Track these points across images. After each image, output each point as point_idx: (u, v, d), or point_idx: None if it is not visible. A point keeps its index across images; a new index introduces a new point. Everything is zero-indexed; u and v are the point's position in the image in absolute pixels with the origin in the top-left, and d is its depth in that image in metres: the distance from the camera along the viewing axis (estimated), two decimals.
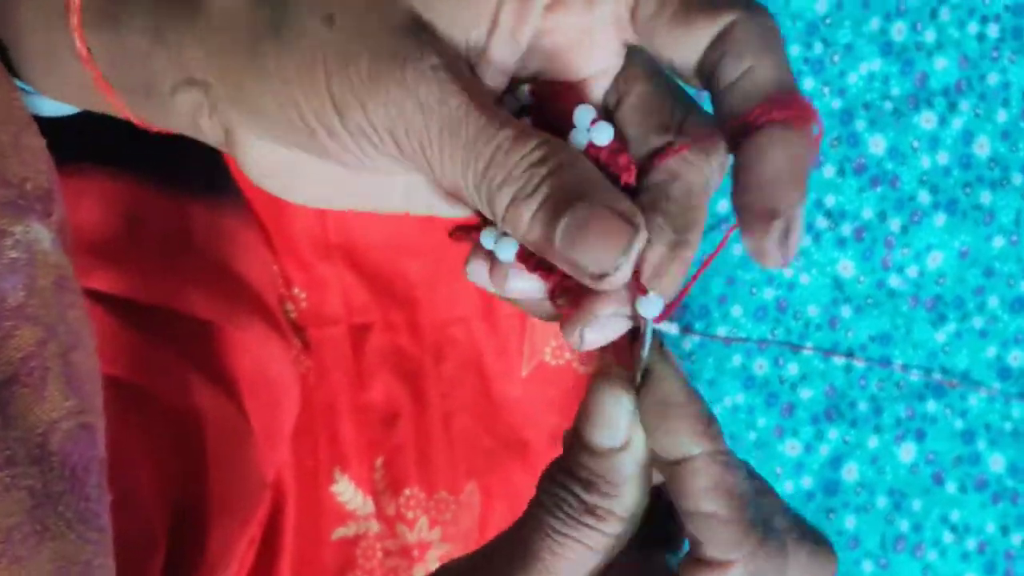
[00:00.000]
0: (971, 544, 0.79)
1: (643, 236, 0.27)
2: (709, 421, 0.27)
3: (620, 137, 0.30)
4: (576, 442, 0.29)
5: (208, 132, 0.30)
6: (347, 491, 0.60)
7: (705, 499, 0.27)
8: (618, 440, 0.28)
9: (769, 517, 0.28)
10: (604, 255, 0.26)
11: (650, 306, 0.28)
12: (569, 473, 0.29)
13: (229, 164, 0.56)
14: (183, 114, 0.30)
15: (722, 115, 0.28)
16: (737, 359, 0.76)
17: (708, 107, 0.30)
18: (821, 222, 0.76)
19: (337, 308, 0.62)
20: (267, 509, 0.56)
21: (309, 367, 0.61)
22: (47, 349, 0.31)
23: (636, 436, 0.28)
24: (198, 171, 0.54)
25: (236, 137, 0.30)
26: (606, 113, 0.31)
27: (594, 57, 0.30)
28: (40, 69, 0.35)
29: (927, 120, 0.77)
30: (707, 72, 0.28)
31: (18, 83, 0.36)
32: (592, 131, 0.29)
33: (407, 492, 0.62)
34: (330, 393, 0.61)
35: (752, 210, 0.26)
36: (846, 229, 0.77)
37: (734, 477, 0.27)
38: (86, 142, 0.46)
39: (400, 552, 0.61)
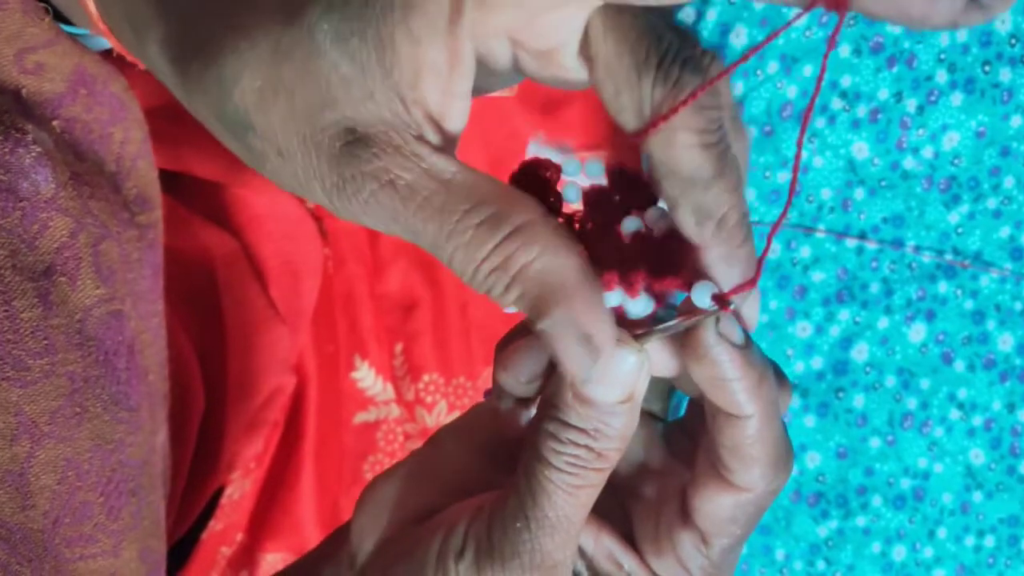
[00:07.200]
0: (977, 421, 0.80)
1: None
2: (760, 382, 0.31)
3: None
4: (574, 397, 0.30)
5: None
6: (367, 377, 0.61)
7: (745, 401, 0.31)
8: (624, 395, 0.30)
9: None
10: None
11: (702, 297, 0.31)
12: (574, 427, 0.30)
13: None
14: None
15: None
16: None
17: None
18: (836, 103, 0.75)
19: None
20: (290, 393, 0.57)
21: (328, 255, 0.61)
22: (78, 240, 0.32)
23: (638, 387, 0.30)
24: None
25: None
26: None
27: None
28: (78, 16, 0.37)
29: None
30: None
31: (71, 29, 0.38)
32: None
33: (426, 378, 0.63)
34: (348, 281, 0.61)
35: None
36: (861, 110, 0.75)
37: (770, 391, 0.31)
38: None
39: (420, 435, 0.63)
